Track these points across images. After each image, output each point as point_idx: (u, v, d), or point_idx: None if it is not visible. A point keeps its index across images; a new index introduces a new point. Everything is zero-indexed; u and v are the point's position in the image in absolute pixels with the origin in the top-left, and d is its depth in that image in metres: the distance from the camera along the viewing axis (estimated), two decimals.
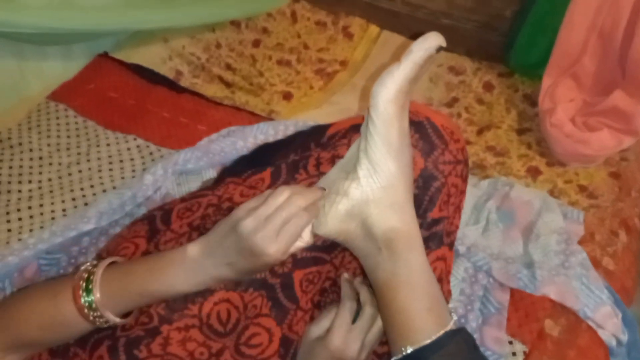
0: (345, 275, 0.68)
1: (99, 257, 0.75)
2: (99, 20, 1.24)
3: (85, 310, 0.57)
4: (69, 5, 1.21)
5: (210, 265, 0.58)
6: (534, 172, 1.19)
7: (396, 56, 0.55)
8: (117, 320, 0.59)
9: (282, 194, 0.57)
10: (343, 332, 0.62)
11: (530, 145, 1.26)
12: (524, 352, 0.87)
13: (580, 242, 1.02)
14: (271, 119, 1.27)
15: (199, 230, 0.69)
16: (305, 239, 0.60)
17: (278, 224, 0.55)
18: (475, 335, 0.88)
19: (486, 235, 1.04)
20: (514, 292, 0.94)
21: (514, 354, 0.87)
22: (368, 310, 0.64)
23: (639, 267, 1.06)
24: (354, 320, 0.64)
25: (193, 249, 0.58)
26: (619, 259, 1.02)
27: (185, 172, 1.11)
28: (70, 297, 0.58)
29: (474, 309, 0.92)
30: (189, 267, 0.58)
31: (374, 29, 1.58)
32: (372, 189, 0.57)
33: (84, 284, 0.58)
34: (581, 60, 1.22)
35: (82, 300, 0.57)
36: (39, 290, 0.62)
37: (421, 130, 0.64)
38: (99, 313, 0.58)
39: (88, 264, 0.61)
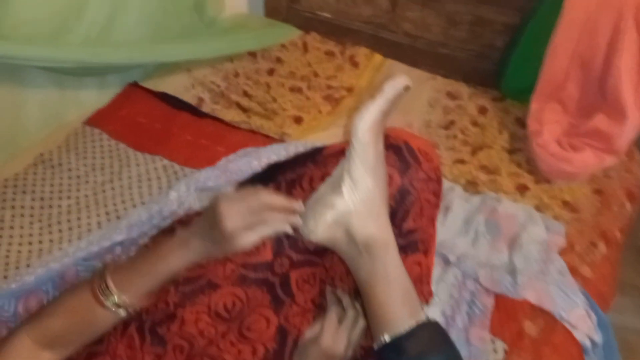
0: (329, 287, 0.79)
1: None
2: (129, 54, 1.40)
3: (100, 296, 0.67)
4: (104, 42, 1.36)
5: (195, 243, 0.69)
6: (522, 189, 1.30)
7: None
8: (128, 302, 0.67)
9: (266, 197, 0.69)
10: (331, 332, 0.74)
11: (520, 164, 1.36)
12: (505, 350, 0.97)
13: (561, 253, 1.12)
14: (283, 141, 1.39)
15: None
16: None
17: (255, 218, 0.67)
18: (462, 334, 0.99)
19: (475, 245, 1.15)
20: (497, 296, 1.04)
21: (495, 351, 0.97)
22: (351, 313, 0.76)
23: (617, 275, 1.16)
24: (340, 322, 0.75)
25: (183, 232, 0.70)
26: (596, 268, 1.11)
27: (205, 189, 1.22)
28: (90, 293, 0.68)
29: (461, 311, 1.03)
30: (181, 245, 0.69)
31: (378, 57, 1.70)
32: (354, 202, 0.69)
33: (102, 280, 0.68)
34: (565, 86, 1.33)
35: (101, 295, 0.67)
36: (66, 293, 0.72)
37: (399, 152, 0.76)
38: (115, 301, 0.67)
39: (97, 269, 0.71)
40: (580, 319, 0.99)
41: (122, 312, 0.69)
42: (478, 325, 1.00)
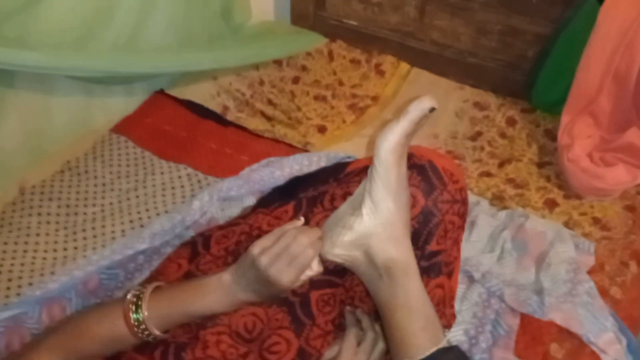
0: (348, 307, 0.79)
1: (149, 279, 0.89)
2: (156, 62, 1.41)
3: (134, 327, 0.70)
4: (132, 49, 1.38)
5: (239, 291, 0.72)
6: (550, 204, 1.26)
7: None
8: (159, 334, 0.71)
9: (290, 235, 0.69)
10: (350, 354, 0.73)
11: (549, 178, 1.33)
12: None
13: (590, 272, 1.09)
14: (306, 151, 1.38)
15: (234, 254, 0.82)
16: (315, 268, 0.72)
17: (288, 259, 0.68)
18: (485, 356, 0.96)
19: (500, 263, 1.12)
20: (523, 317, 1.01)
21: None
22: (370, 335, 0.75)
23: None
24: (359, 344, 0.75)
25: (225, 278, 0.72)
26: (627, 289, 1.08)
27: (228, 199, 1.23)
28: (122, 316, 0.70)
29: (485, 330, 1.00)
30: (222, 292, 0.72)
31: (404, 66, 1.68)
32: (374, 224, 0.68)
33: (134, 305, 0.71)
34: (597, 99, 1.29)
35: (132, 318, 0.70)
36: (95, 312, 0.74)
37: (423, 172, 0.75)
38: (145, 327, 0.70)
39: (135, 288, 0.74)
40: (609, 343, 0.96)
41: (145, 333, 0.70)
42: (502, 346, 0.97)
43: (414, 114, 0.64)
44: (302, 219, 0.74)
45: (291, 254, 0.68)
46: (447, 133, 1.46)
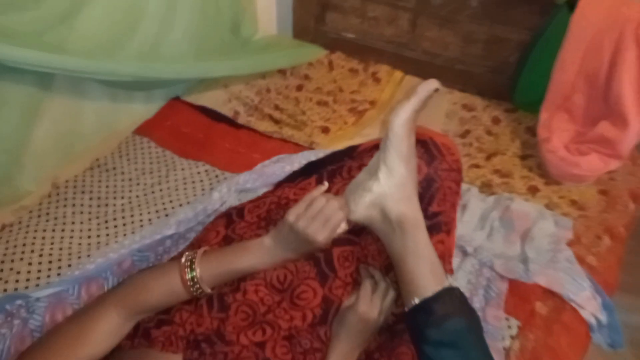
0: (362, 265, 0.92)
1: (192, 246, 1.02)
2: (176, 69, 1.55)
3: (188, 284, 0.82)
4: (153, 58, 1.52)
5: (279, 251, 0.85)
6: (533, 190, 1.41)
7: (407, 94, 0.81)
8: (209, 290, 0.83)
9: (321, 200, 0.83)
10: (367, 300, 0.86)
11: (532, 169, 1.48)
12: (518, 327, 1.08)
13: (568, 244, 1.23)
14: (312, 149, 1.52)
15: (266, 220, 0.96)
16: (343, 227, 0.85)
17: (323, 220, 0.81)
18: (479, 314, 1.09)
19: (490, 239, 1.26)
20: (511, 282, 1.15)
21: (509, 327, 1.08)
22: (382, 284, 0.88)
23: (621, 267, 1.26)
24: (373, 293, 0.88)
25: (267, 242, 0.85)
26: (601, 258, 1.22)
27: (244, 191, 1.35)
28: (178, 275, 0.82)
29: (478, 294, 1.14)
30: (265, 253, 0.85)
31: (398, 74, 1.84)
32: (389, 186, 0.81)
33: (188, 266, 0.83)
34: (572, 97, 1.45)
35: (187, 276, 0.82)
36: (153, 272, 0.85)
37: (425, 146, 0.89)
38: (197, 284, 0.82)
39: (188, 252, 0.86)
40: (586, 300, 1.10)
41: (199, 291, 0.82)
42: (494, 305, 1.11)
43: (422, 93, 0.78)
44: (326, 184, 0.88)
45: (325, 216, 0.81)
46: (439, 131, 1.60)
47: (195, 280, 0.82)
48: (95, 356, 0.78)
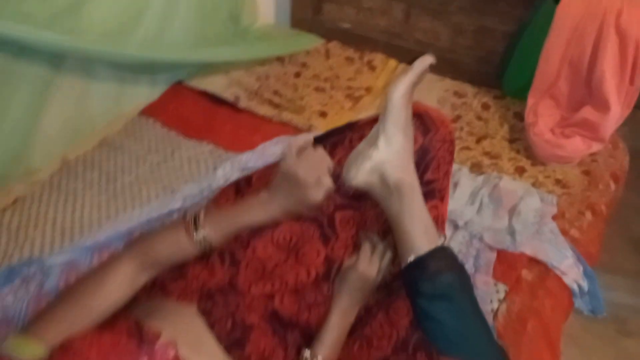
0: (362, 230, 0.98)
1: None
2: (179, 54, 1.62)
3: (194, 238, 0.84)
4: (159, 42, 1.59)
5: (275, 203, 0.88)
6: (520, 170, 1.50)
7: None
8: (215, 243, 0.85)
9: (310, 148, 0.88)
10: (366, 260, 0.93)
11: (519, 151, 1.56)
12: (505, 291, 1.16)
13: (553, 219, 1.32)
14: (310, 132, 1.60)
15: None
16: (330, 182, 0.88)
17: (312, 164, 0.86)
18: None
19: (480, 213, 1.34)
20: (499, 252, 1.23)
21: (497, 292, 1.16)
22: (380, 246, 0.95)
23: (602, 240, 1.35)
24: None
25: (264, 195, 0.89)
26: (584, 231, 1.31)
27: (246, 169, 1.41)
28: (184, 230, 0.85)
29: (468, 262, 1.22)
30: (263, 205, 0.88)
31: (392, 62, 1.91)
32: (387, 153, 0.88)
33: (193, 221, 0.85)
34: (557, 84, 1.53)
35: (192, 231, 0.84)
36: (163, 230, 0.89)
37: (421, 119, 0.96)
38: (203, 238, 0.84)
39: (193, 211, 0.91)
40: (569, 268, 1.18)
41: (205, 246, 0.85)
42: (483, 272, 1.19)
43: (418, 67, 0.86)
44: (312, 135, 0.93)
45: (315, 161, 0.86)
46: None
47: (200, 235, 0.84)
48: (111, 307, 0.81)
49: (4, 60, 1.25)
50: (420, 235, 0.86)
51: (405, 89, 0.87)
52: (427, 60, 0.87)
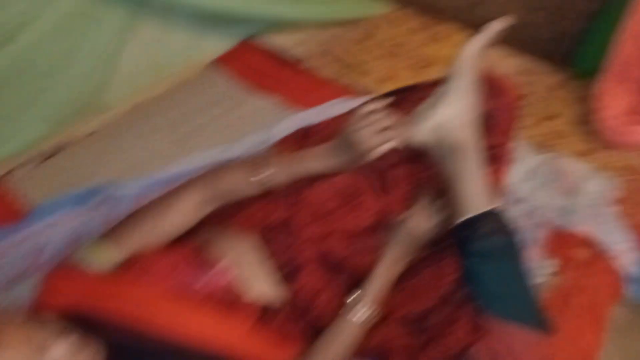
0: (419, 188, 0.99)
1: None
2: (250, 8, 1.65)
3: (261, 175, 0.88)
4: None
5: (336, 157, 0.90)
6: (585, 153, 1.46)
7: None
8: (276, 183, 0.89)
9: (381, 113, 0.88)
10: (421, 215, 0.93)
11: (586, 134, 1.52)
12: (555, 267, 1.15)
13: (616, 203, 1.29)
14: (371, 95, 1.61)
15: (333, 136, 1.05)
16: (391, 143, 0.88)
17: (377, 128, 0.87)
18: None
19: (538, 191, 1.33)
20: (552, 230, 1.22)
21: (548, 267, 1.15)
22: (436, 204, 0.95)
23: None
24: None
25: (327, 146, 0.91)
26: None
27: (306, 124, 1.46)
28: (252, 167, 0.89)
29: (523, 236, 1.21)
30: (325, 156, 0.91)
31: (461, 35, 1.89)
32: (450, 114, 0.87)
33: (262, 161, 0.90)
34: (631, 67, 1.47)
35: (259, 171, 0.89)
36: (233, 165, 0.93)
37: (489, 82, 0.96)
38: (269, 176, 0.88)
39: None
40: (622, 252, 1.16)
41: (268, 186, 0.89)
42: (534, 247, 1.18)
43: (494, 28, 0.86)
44: (387, 100, 0.93)
45: (380, 126, 0.87)
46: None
47: (265, 174, 0.88)
48: (177, 230, 0.87)
49: (90, 2, 1.32)
50: (475, 197, 0.87)
51: (476, 49, 0.87)
52: (503, 21, 0.86)
